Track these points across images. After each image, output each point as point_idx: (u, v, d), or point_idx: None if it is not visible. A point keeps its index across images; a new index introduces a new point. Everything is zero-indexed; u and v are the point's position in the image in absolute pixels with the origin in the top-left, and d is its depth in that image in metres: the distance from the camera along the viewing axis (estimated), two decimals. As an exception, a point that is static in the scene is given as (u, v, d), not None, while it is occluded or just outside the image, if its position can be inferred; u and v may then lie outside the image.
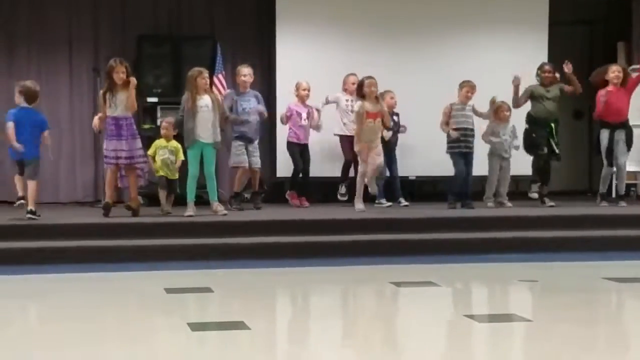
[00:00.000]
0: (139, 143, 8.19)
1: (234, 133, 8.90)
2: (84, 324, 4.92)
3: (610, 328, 5.12)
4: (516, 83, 8.98)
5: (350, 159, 9.17)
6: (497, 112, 9.14)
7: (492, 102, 9.02)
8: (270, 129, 9.94)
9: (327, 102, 9.37)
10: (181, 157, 8.33)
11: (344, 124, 9.32)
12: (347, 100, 9.32)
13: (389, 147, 9.15)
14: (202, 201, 8.44)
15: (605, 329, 5.03)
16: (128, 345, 4.44)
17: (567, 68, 9.05)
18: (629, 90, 9.18)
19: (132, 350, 4.31)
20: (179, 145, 8.35)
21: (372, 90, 8.40)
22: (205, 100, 8.14)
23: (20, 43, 10.00)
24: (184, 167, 8.39)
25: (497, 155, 9.15)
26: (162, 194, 8.42)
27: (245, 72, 8.94)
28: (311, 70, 9.67)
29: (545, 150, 9.14)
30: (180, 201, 8.40)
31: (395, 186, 9.39)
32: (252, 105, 8.95)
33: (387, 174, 9.29)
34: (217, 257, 7.16)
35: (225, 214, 8.17)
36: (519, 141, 9.22)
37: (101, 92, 8.16)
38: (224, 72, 9.44)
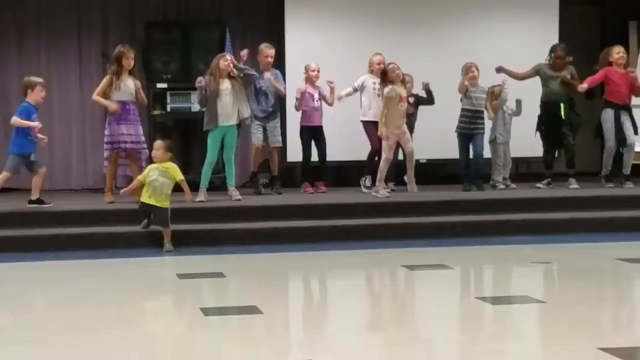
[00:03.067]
0: (141, 130, 8.21)
1: (254, 110, 8.85)
2: (97, 310, 4.93)
3: (624, 309, 5.09)
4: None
5: (378, 148, 8.75)
6: (494, 95, 9.09)
7: (517, 101, 9.01)
8: (281, 113, 9.91)
9: (355, 89, 9.05)
10: (179, 177, 7.15)
11: (370, 108, 8.94)
12: (374, 84, 8.97)
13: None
14: (213, 187, 8.44)
15: (619, 310, 5.01)
16: (140, 330, 4.45)
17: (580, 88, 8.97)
18: (633, 85, 9.05)
19: (144, 335, 4.32)
20: (174, 166, 7.18)
21: (397, 74, 8.35)
22: (226, 84, 8.13)
23: (29, 31, 10.01)
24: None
25: (492, 140, 9.15)
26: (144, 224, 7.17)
27: (271, 53, 8.90)
28: (320, 53, 9.62)
29: (551, 140, 9.15)
30: (192, 187, 8.40)
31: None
32: (272, 84, 8.93)
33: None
34: (229, 242, 7.18)
35: (239, 199, 8.17)
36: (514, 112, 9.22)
37: (108, 76, 8.11)
38: (232, 57, 9.41)
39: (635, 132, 9.05)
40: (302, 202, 8.20)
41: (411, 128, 8.95)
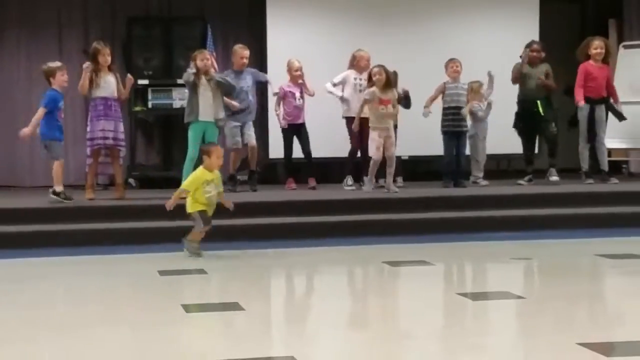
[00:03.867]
0: (122, 127, 8.18)
1: (228, 112, 8.84)
2: (77, 307, 4.92)
3: (602, 304, 5.14)
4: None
5: (358, 146, 8.85)
6: (475, 90, 9.12)
7: (489, 75, 9.01)
8: (262, 109, 9.91)
9: (334, 85, 9.04)
10: (221, 189, 6.59)
11: (352, 104, 8.90)
12: (355, 79, 8.98)
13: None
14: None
15: (598, 306, 5.06)
16: (121, 327, 4.44)
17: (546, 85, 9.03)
18: (609, 80, 9.10)
19: (125, 332, 4.32)
20: (220, 175, 6.59)
21: (378, 78, 8.34)
22: (203, 81, 8.12)
23: (10, 27, 9.95)
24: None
25: (472, 136, 9.19)
26: (198, 232, 6.51)
27: (246, 55, 8.88)
28: (303, 50, 9.62)
29: (531, 138, 9.20)
30: (174, 183, 8.39)
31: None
32: (248, 83, 8.91)
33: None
34: (210, 239, 7.16)
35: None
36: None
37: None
38: (214, 54, 9.40)
39: (620, 119, 9.07)
40: (285, 198, 8.21)
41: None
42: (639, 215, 7.82)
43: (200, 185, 6.36)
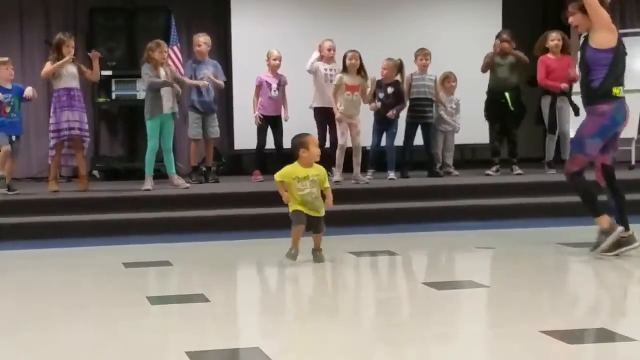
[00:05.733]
0: (86, 117, 8.13)
1: (191, 102, 8.79)
2: (41, 301, 4.87)
3: (565, 293, 5.21)
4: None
5: (321, 137, 8.66)
6: (443, 82, 9.21)
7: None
8: (227, 99, 9.87)
9: (309, 71, 8.92)
10: (326, 184, 5.82)
11: (320, 94, 8.83)
12: (325, 70, 8.90)
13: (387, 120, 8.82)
14: (159, 175, 8.39)
15: (560, 294, 5.13)
16: (86, 320, 4.41)
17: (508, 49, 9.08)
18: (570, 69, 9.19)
19: (90, 326, 4.29)
20: (324, 171, 5.85)
21: (353, 62, 8.32)
22: (161, 73, 8.09)
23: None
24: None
25: (438, 128, 9.25)
26: (297, 232, 5.76)
27: (201, 42, 8.83)
28: (267, 40, 9.59)
29: (497, 127, 9.27)
30: (138, 175, 8.35)
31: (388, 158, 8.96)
32: (210, 73, 8.85)
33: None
34: (176, 231, 7.14)
35: (187, 187, 8.15)
36: (459, 116, 9.31)
37: (49, 63, 8.00)
38: (179, 45, 9.34)
39: (576, 114, 9.17)
40: (251, 189, 8.20)
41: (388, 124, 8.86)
42: (601, 203, 7.91)
43: (292, 181, 5.71)
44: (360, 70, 8.35)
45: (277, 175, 5.77)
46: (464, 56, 9.36)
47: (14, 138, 7.88)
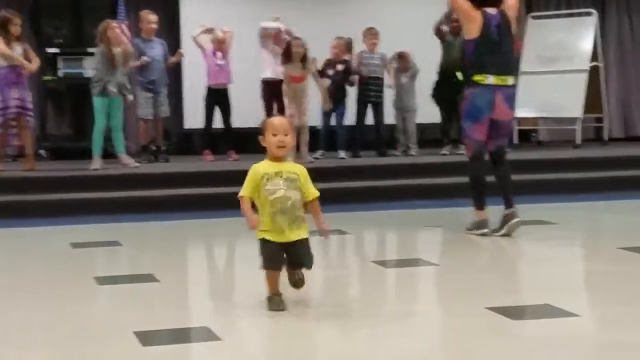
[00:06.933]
0: (30, 96, 8.01)
1: (141, 81, 8.71)
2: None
3: (512, 270, 5.30)
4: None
5: (269, 115, 8.80)
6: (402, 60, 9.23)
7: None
8: (177, 79, 9.78)
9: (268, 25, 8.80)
10: (313, 193, 4.06)
11: (269, 66, 8.71)
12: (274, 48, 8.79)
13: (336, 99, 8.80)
14: (108, 154, 8.30)
15: (508, 271, 5.21)
16: (31, 301, 4.36)
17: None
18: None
19: (38, 307, 4.24)
20: (304, 172, 4.09)
21: (297, 50, 8.31)
22: (116, 50, 8.02)
23: None
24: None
25: (397, 108, 9.29)
26: (272, 279, 4.04)
27: (153, 19, 8.74)
28: (216, 19, 9.48)
29: (446, 107, 9.34)
30: (86, 155, 8.25)
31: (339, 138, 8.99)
32: (159, 53, 8.78)
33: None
34: (126, 211, 7.08)
35: (137, 167, 8.08)
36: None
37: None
38: (127, 22, 9.21)
39: None
40: (201, 169, 8.16)
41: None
42: (547, 182, 8.06)
43: (260, 185, 4.00)
44: (304, 60, 8.33)
45: (242, 190, 4.04)
46: (413, 36, 9.38)
47: None
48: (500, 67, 5.76)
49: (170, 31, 9.86)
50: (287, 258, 3.97)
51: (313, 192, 4.01)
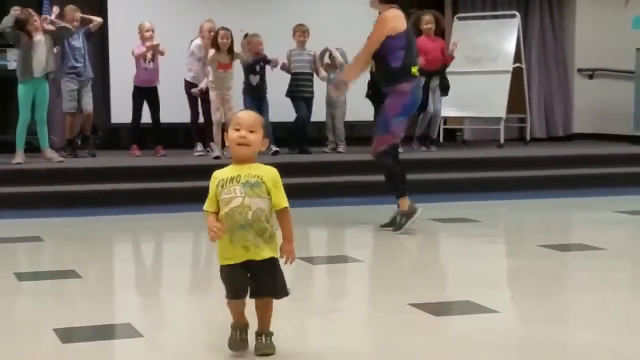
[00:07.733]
0: None
1: (65, 71, 8.54)
2: None
3: (436, 266, 5.39)
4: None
5: (196, 112, 8.73)
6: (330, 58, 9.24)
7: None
8: (104, 72, 9.63)
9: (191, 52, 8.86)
10: (283, 202, 3.48)
11: (191, 70, 8.82)
12: (200, 50, 8.76)
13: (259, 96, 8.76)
14: (31, 148, 8.13)
15: (432, 267, 5.29)
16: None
17: None
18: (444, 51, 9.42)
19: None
20: (275, 174, 3.45)
21: (224, 41, 8.31)
22: (39, 36, 7.87)
23: None
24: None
25: (327, 104, 9.32)
26: (235, 308, 3.46)
27: (77, 17, 8.60)
28: (145, 11, 9.38)
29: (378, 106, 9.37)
30: (9, 149, 8.06)
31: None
32: (82, 44, 8.63)
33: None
34: (49, 206, 6.94)
35: (61, 161, 7.94)
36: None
37: None
38: (53, 12, 9.01)
39: (445, 93, 9.44)
40: (128, 164, 8.06)
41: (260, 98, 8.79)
42: (471, 180, 8.20)
43: (217, 192, 3.43)
44: (231, 50, 8.37)
45: (205, 206, 3.51)
46: (344, 33, 9.41)
47: None
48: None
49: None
50: (250, 282, 3.28)
51: (281, 201, 3.36)
